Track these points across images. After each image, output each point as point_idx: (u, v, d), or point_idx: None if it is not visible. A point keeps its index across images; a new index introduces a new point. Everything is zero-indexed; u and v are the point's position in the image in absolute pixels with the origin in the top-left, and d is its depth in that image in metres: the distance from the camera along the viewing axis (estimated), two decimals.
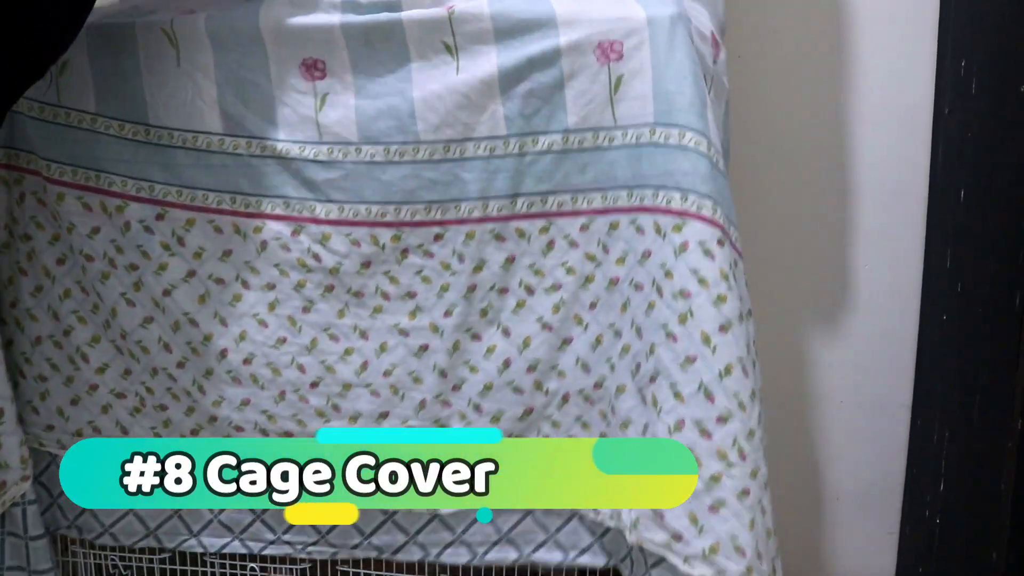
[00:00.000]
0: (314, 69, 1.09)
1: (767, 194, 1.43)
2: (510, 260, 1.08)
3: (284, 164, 1.11)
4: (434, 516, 1.16)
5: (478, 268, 1.08)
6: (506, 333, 1.10)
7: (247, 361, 1.15)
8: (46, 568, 1.18)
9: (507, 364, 1.10)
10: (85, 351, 1.19)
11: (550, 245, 1.07)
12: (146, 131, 1.13)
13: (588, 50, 1.02)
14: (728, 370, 0.95)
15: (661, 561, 1.00)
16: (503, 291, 1.09)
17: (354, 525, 1.17)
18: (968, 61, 1.23)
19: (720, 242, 0.96)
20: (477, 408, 1.11)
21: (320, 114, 1.09)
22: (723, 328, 0.95)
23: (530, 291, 1.08)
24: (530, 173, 1.05)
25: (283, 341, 1.14)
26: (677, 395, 0.96)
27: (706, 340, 0.95)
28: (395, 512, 1.16)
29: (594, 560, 1.11)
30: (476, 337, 1.10)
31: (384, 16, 1.06)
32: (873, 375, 1.46)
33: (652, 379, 0.99)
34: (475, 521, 1.15)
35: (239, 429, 1.16)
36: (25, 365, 1.20)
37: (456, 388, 1.12)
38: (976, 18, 1.22)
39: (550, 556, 1.13)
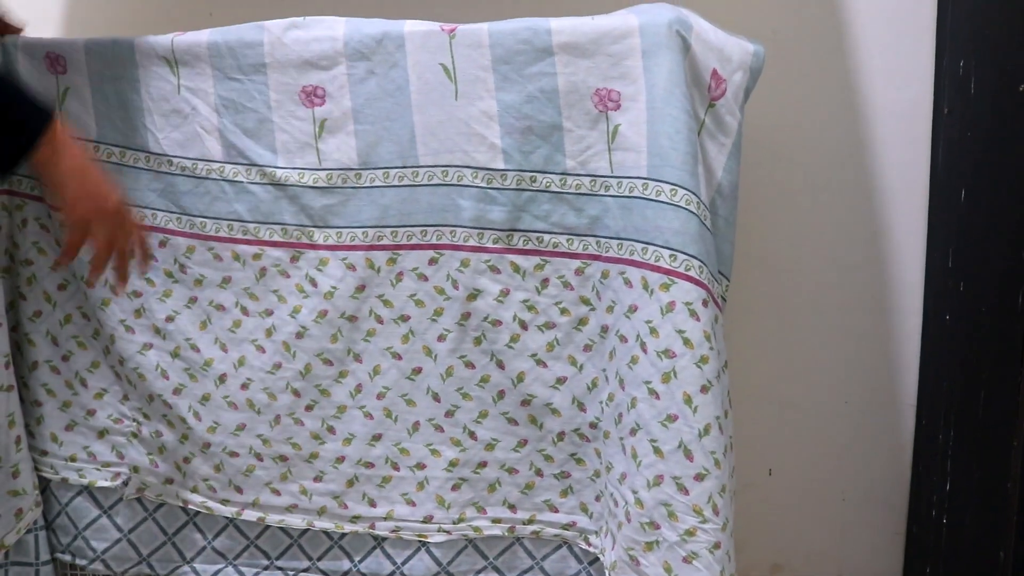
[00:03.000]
0: (314, 96, 1.10)
1: (768, 195, 1.43)
2: (504, 293, 1.09)
3: (283, 191, 1.12)
4: (422, 544, 1.17)
5: (472, 297, 1.09)
6: (500, 365, 1.11)
7: (244, 387, 1.16)
8: None
9: (501, 395, 1.11)
10: (84, 376, 1.21)
11: (544, 283, 1.08)
12: (147, 158, 1.16)
13: (586, 95, 1.03)
14: (707, 429, 0.98)
15: None
16: (497, 323, 1.10)
17: (344, 552, 1.20)
18: (967, 61, 1.23)
19: (705, 302, 0.99)
20: (471, 434, 1.13)
21: (320, 140, 1.11)
22: (704, 389, 0.98)
23: (524, 326, 1.09)
24: (528, 210, 1.07)
25: (278, 367, 1.15)
26: (657, 451, 1.00)
27: (688, 401, 0.98)
28: (385, 536, 1.18)
29: None
30: (470, 365, 1.12)
31: (387, 33, 1.07)
32: (877, 375, 1.46)
33: (633, 432, 1.02)
34: (462, 550, 1.17)
35: (233, 455, 1.17)
36: (22, 390, 1.21)
37: (449, 414, 1.13)
38: (975, 17, 1.22)
39: None
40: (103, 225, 0.98)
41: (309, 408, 1.15)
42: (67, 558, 1.24)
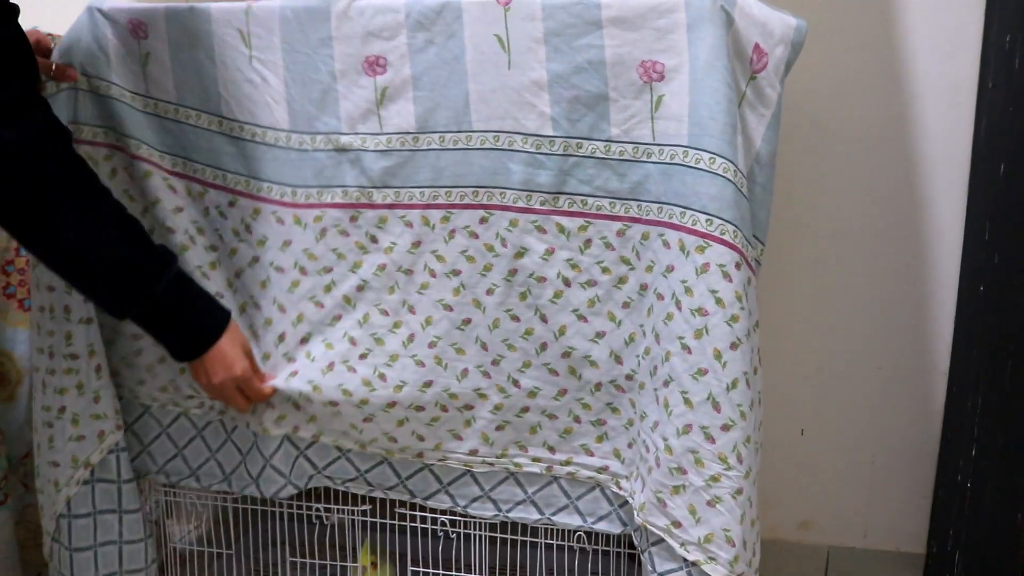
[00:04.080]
0: (376, 65, 1.16)
1: (811, 162, 1.46)
2: (549, 251, 1.15)
3: (346, 155, 1.18)
4: (467, 471, 1.25)
5: (519, 254, 1.15)
6: (543, 319, 1.17)
7: (304, 340, 1.22)
8: (135, 508, 1.29)
9: (544, 347, 1.18)
10: None
11: (587, 243, 1.14)
12: (219, 122, 1.23)
13: (632, 66, 1.08)
14: (734, 384, 1.04)
15: (660, 541, 1.10)
16: (542, 279, 1.16)
17: (392, 468, 1.27)
18: (1013, 35, 1.24)
19: (738, 265, 1.04)
20: (515, 383, 1.19)
21: (381, 107, 1.17)
22: (733, 345, 1.04)
23: (567, 283, 1.15)
24: (573, 175, 1.12)
25: (338, 318, 1.21)
26: (687, 402, 1.06)
27: (717, 356, 1.04)
28: (432, 463, 1.25)
29: (611, 527, 1.21)
30: (515, 318, 1.18)
31: (446, 5, 1.12)
32: (911, 342, 1.50)
33: (666, 383, 1.08)
34: (503, 480, 1.24)
35: (287, 399, 1.22)
36: (121, 323, 1.28)
37: (496, 362, 1.19)
38: None
39: (570, 519, 1.22)
40: (230, 391, 1.18)
41: (363, 357, 1.21)
42: (161, 478, 1.33)
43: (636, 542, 1.16)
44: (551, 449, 1.21)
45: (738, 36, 1.06)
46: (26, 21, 1.04)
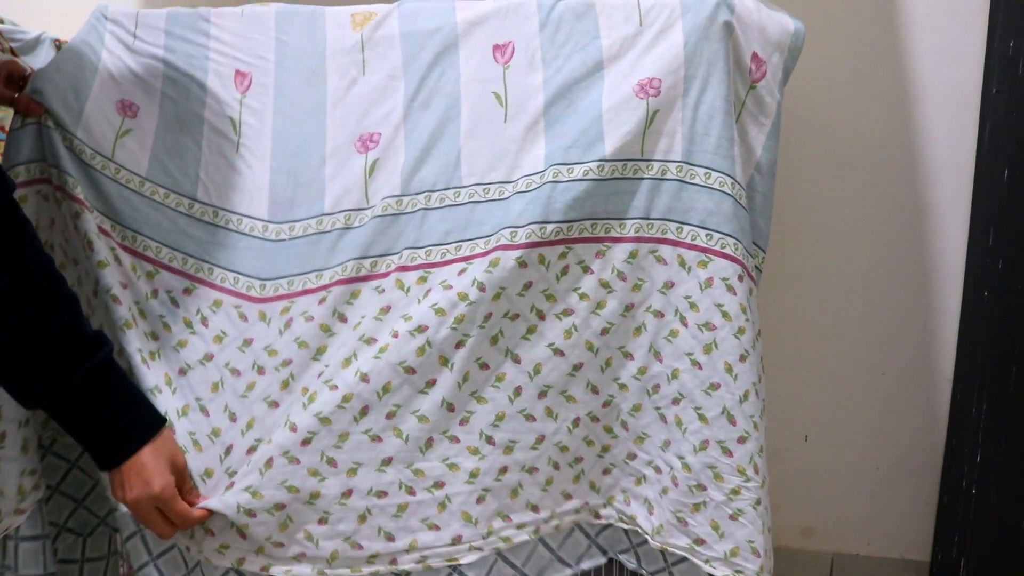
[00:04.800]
0: (369, 142, 1.15)
1: (815, 169, 1.46)
2: (527, 286, 1.07)
3: (326, 237, 1.13)
4: (452, 568, 1.09)
5: (497, 296, 1.06)
6: (516, 360, 1.08)
7: (251, 450, 1.06)
8: None
9: (518, 392, 1.08)
10: None
11: (564, 271, 1.08)
12: (189, 204, 1.15)
13: (628, 88, 1.07)
14: (746, 395, 1.03)
15: (682, 561, 1.09)
16: (515, 316, 1.07)
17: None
18: (1017, 41, 1.24)
19: (740, 277, 1.04)
20: (489, 440, 1.07)
21: (369, 180, 1.13)
22: (742, 358, 1.03)
23: (541, 316, 1.08)
24: (560, 200, 1.05)
25: (275, 405, 1.08)
26: (702, 417, 1.05)
27: (728, 369, 1.03)
28: (410, 569, 1.09)
29: (593, 561, 1.15)
30: (484, 366, 1.07)
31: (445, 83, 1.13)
32: (915, 348, 1.49)
33: (675, 401, 1.07)
34: (493, 565, 1.10)
35: (222, 516, 1.05)
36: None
37: (464, 421, 1.07)
38: None
39: (559, 575, 1.14)
40: (149, 508, 0.98)
41: (306, 443, 1.05)
42: None
43: (642, 565, 1.14)
44: (535, 508, 1.10)
45: (738, 45, 1.06)
46: (34, 23, 1.03)
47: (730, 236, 1.04)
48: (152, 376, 1.07)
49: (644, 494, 1.11)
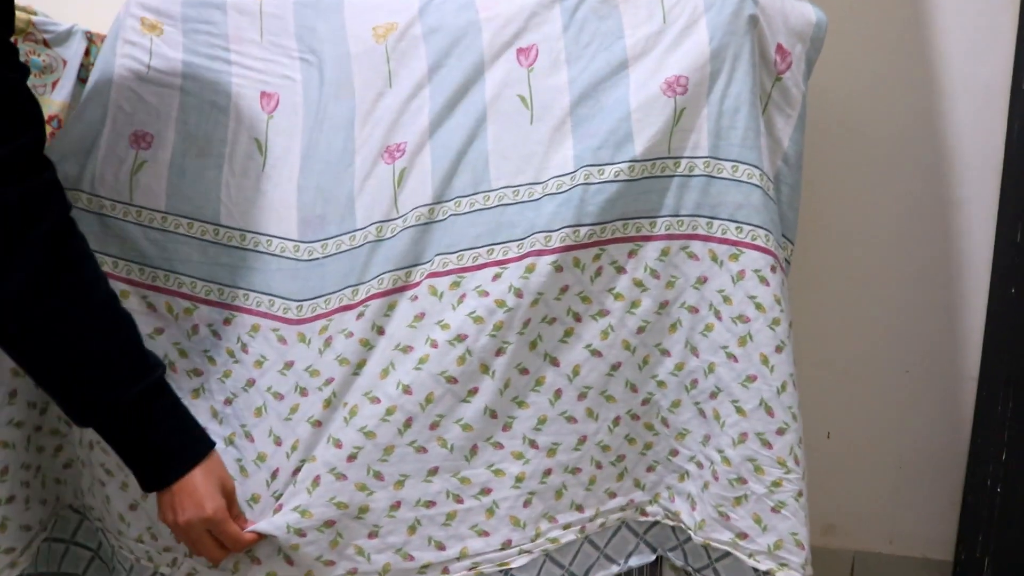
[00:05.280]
0: (396, 152, 1.12)
1: (842, 163, 1.45)
2: (563, 290, 1.06)
3: (360, 251, 1.10)
4: (504, 573, 1.10)
5: (535, 303, 1.05)
6: (555, 363, 1.08)
7: (296, 471, 1.05)
8: None
9: (558, 395, 1.08)
10: None
11: (598, 272, 1.07)
12: (215, 231, 1.13)
13: (655, 87, 1.06)
14: (783, 387, 1.03)
15: (726, 556, 1.07)
16: (552, 320, 1.07)
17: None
18: None
19: (773, 268, 1.03)
20: (532, 444, 1.07)
21: (399, 189, 1.11)
22: (778, 349, 1.03)
23: (578, 319, 1.08)
24: (593, 202, 1.05)
25: (319, 424, 1.06)
26: (740, 410, 1.04)
27: (764, 361, 1.03)
28: None
29: (642, 559, 1.15)
30: (524, 371, 1.07)
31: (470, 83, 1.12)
32: (941, 346, 1.48)
33: (713, 395, 1.06)
34: (542, 567, 1.10)
35: (276, 550, 1.05)
36: (82, 468, 1.13)
37: (507, 427, 1.07)
38: None
39: (602, 572, 1.14)
40: (200, 532, 0.98)
41: (352, 459, 1.03)
42: None
43: (688, 562, 1.13)
44: (579, 508, 1.10)
45: (763, 37, 1.06)
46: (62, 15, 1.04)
47: (760, 228, 1.03)
48: (197, 414, 1.04)
49: (687, 490, 1.11)
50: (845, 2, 1.39)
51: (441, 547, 1.06)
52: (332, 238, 1.12)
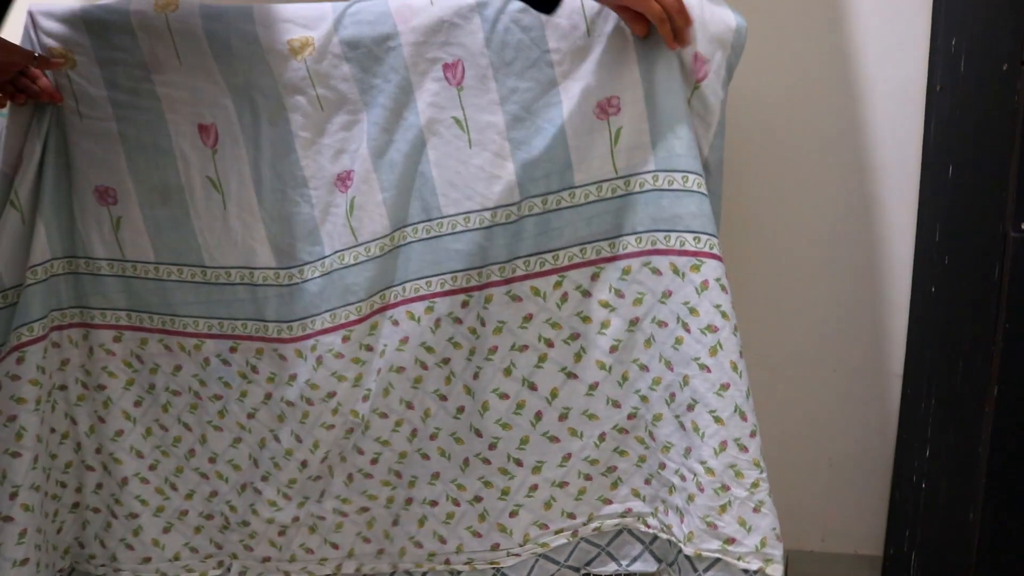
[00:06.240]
0: (347, 179, 1.15)
1: (763, 168, 1.46)
2: (527, 318, 1.13)
3: (328, 280, 1.16)
4: (497, 570, 1.24)
5: (498, 330, 1.13)
6: (532, 387, 1.15)
7: (324, 460, 1.21)
8: None
9: (539, 417, 1.15)
10: (173, 480, 1.27)
11: (564, 298, 1.12)
12: (203, 272, 1.21)
13: (589, 110, 1.07)
14: (749, 390, 1.06)
15: (716, 562, 1.10)
16: (524, 348, 1.14)
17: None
18: (958, 39, 1.25)
19: (725, 274, 1.06)
20: (517, 462, 1.17)
21: (351, 218, 1.15)
22: (741, 354, 1.06)
23: (550, 344, 1.13)
24: (543, 232, 1.10)
25: (350, 432, 1.20)
26: (717, 419, 1.06)
27: (734, 367, 1.06)
28: (460, 572, 1.25)
29: (646, 566, 1.20)
30: (504, 396, 1.15)
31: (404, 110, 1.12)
32: (866, 345, 1.50)
33: (690, 407, 1.08)
34: (533, 567, 1.22)
35: (321, 518, 1.24)
36: (116, 506, 1.27)
37: (492, 447, 1.17)
38: None
39: (604, 568, 1.22)
40: None
41: (374, 462, 1.20)
42: None
43: (680, 575, 1.15)
44: (571, 515, 1.20)
45: (685, 52, 1.05)
46: None
47: (714, 236, 1.05)
48: (226, 435, 1.25)
49: (675, 503, 1.13)
50: (763, 6, 1.40)
51: (443, 541, 1.22)
52: (306, 264, 1.18)
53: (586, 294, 1.12)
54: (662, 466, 1.14)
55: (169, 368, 1.24)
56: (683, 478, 1.11)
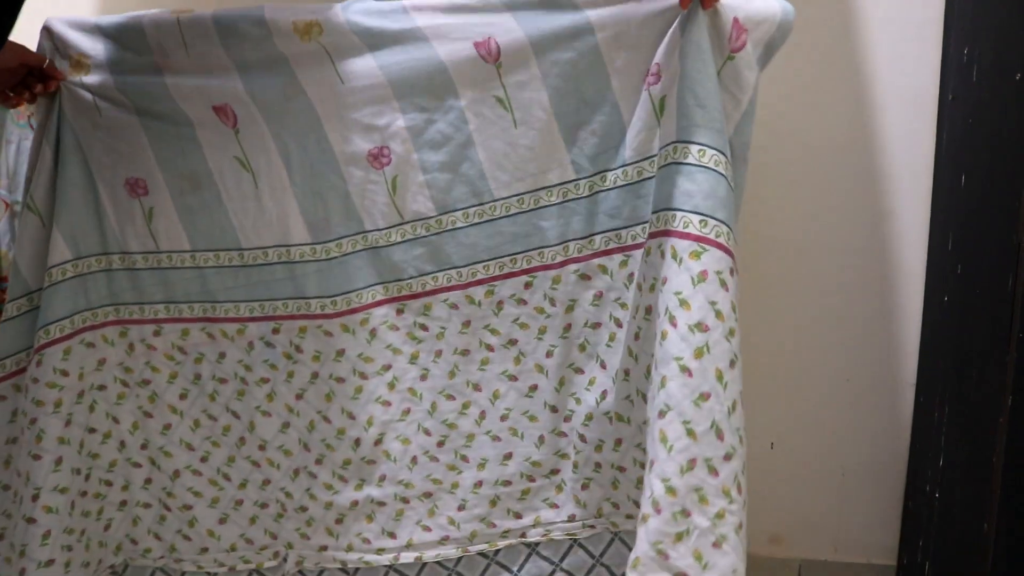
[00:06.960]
0: (381, 156, 1.14)
1: (776, 176, 1.46)
2: (598, 296, 1.12)
3: (374, 254, 1.17)
4: (574, 541, 1.24)
5: (570, 308, 1.14)
6: (603, 366, 1.14)
7: (378, 442, 1.21)
8: None
9: (604, 395, 1.14)
10: (225, 471, 1.27)
11: (630, 278, 1.09)
12: (240, 255, 1.20)
13: (637, 79, 1.03)
14: (734, 406, 0.93)
15: None
16: (596, 325, 1.14)
17: (508, 561, 1.26)
18: (971, 48, 1.25)
19: (731, 271, 0.94)
20: (582, 438, 1.16)
21: (395, 196, 1.15)
22: (732, 363, 0.93)
23: (619, 324, 1.12)
24: (601, 211, 1.09)
25: (407, 412, 1.21)
26: (690, 432, 0.92)
27: (719, 377, 0.92)
28: (537, 544, 1.25)
29: None
30: (579, 371, 1.16)
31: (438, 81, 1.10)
32: (879, 354, 1.49)
33: (661, 414, 0.93)
34: (610, 543, 1.22)
35: (381, 504, 1.23)
36: (168, 499, 1.27)
37: (568, 419, 1.17)
38: (978, 4, 1.24)
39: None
40: None
41: (440, 444, 1.21)
42: None
43: None
44: (517, 515, 1.22)
45: (718, 9, 0.97)
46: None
47: (724, 223, 0.93)
48: (274, 420, 1.24)
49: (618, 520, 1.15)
50: None
51: (518, 516, 1.22)
52: (344, 238, 1.18)
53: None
54: (597, 465, 1.16)
55: (214, 356, 1.24)
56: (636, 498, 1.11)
